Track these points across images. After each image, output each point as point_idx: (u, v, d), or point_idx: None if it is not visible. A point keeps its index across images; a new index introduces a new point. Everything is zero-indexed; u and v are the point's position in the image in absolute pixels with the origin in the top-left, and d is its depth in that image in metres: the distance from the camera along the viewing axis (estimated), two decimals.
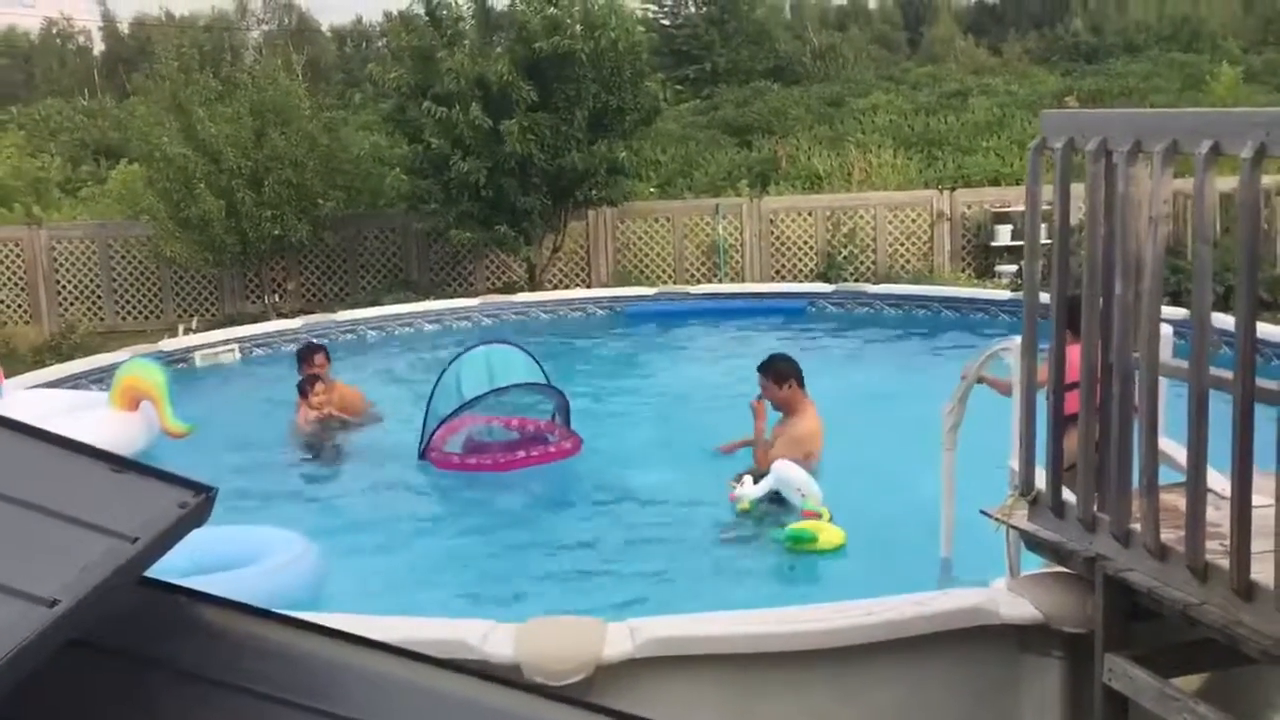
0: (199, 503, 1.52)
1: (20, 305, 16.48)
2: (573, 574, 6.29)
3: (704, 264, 16.74)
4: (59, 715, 1.40)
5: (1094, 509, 3.84)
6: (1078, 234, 3.95)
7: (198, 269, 15.99)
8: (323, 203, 15.96)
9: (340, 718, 1.48)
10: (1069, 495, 4.01)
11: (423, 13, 15.54)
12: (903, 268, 16.30)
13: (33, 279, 16.49)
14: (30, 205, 18.52)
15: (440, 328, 12.70)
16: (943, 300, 12.69)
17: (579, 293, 14.54)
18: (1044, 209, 4.04)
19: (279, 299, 16.46)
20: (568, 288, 15.96)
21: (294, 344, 12.02)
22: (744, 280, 16.25)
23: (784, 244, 16.69)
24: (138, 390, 8.26)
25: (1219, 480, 3.47)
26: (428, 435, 7.95)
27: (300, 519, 6.79)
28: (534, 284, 15.94)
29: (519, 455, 7.96)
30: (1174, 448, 3.88)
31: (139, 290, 16.66)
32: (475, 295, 14.77)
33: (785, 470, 6.56)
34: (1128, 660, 3.75)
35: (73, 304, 16.50)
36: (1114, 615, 3.84)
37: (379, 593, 6.02)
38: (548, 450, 8.01)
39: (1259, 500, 3.20)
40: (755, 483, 6.67)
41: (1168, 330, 3.87)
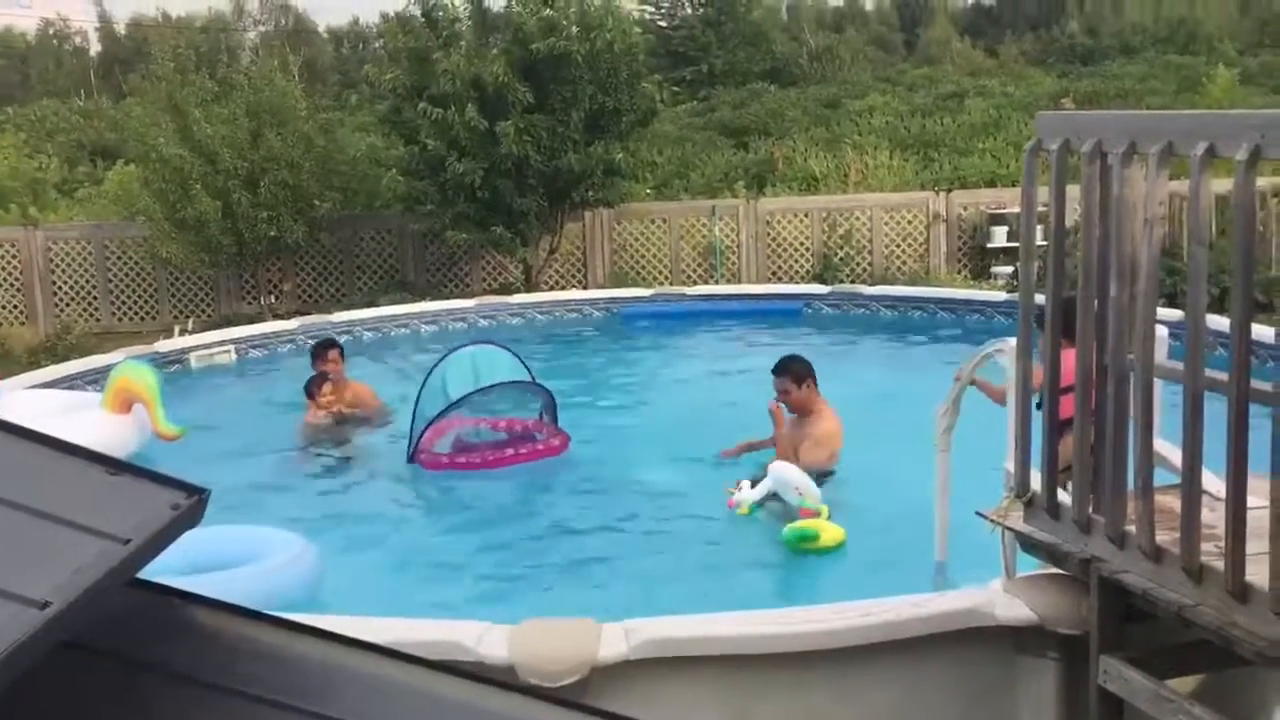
0: (192, 504, 1.51)
1: (16, 306, 16.46)
2: (567, 575, 6.29)
3: (700, 265, 16.74)
4: (50, 717, 1.40)
5: (1089, 511, 3.84)
6: (1073, 236, 3.95)
7: (194, 270, 15.99)
8: (319, 204, 15.95)
9: None
10: (1064, 497, 4.02)
11: (419, 14, 15.54)
12: (899, 269, 16.32)
13: (28, 280, 16.47)
14: (26, 206, 18.50)
15: (437, 329, 12.69)
16: (938, 302, 12.69)
17: (575, 294, 14.53)
18: (1040, 210, 4.05)
19: (275, 300, 16.45)
20: (564, 289, 15.96)
21: (290, 345, 12.04)
22: (740, 281, 16.26)
23: (780, 245, 16.70)
24: (130, 392, 8.23)
25: (1214, 482, 3.47)
26: (416, 438, 7.95)
27: (294, 519, 6.77)
28: (530, 285, 15.93)
29: (508, 453, 7.97)
30: (1169, 449, 3.89)
31: (135, 291, 16.64)
32: (471, 296, 14.76)
33: (782, 471, 6.56)
34: (1123, 662, 3.75)
35: (68, 305, 16.48)
36: (1109, 617, 3.84)
37: (371, 594, 6.02)
38: (536, 448, 8.02)
39: (1254, 502, 3.20)
40: (753, 486, 6.67)
41: (1163, 332, 3.87)
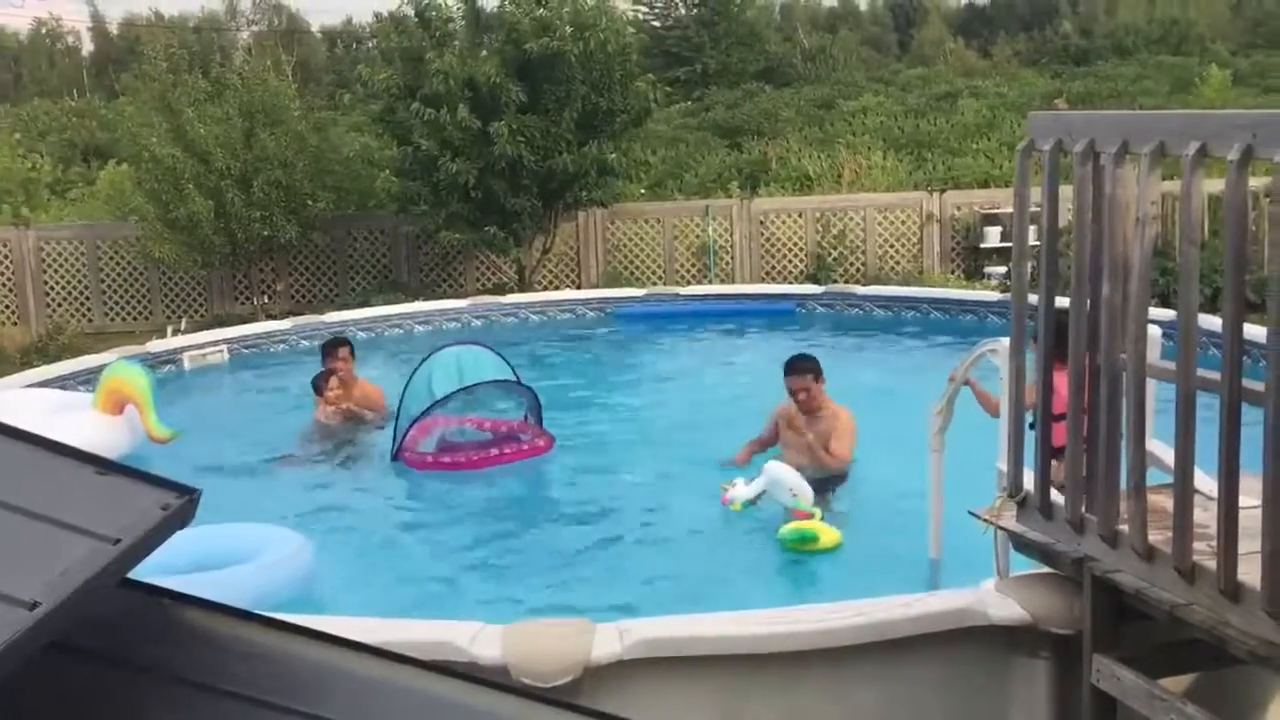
0: (182, 504, 1.51)
1: (8, 306, 16.43)
2: (560, 575, 6.28)
3: (694, 265, 16.74)
4: (39, 718, 1.39)
5: (1082, 510, 3.84)
6: (1066, 236, 3.96)
7: (186, 270, 15.95)
8: (312, 204, 15.92)
9: None
10: (1057, 496, 4.02)
11: (412, 14, 15.51)
12: (892, 269, 16.33)
13: (20, 280, 16.43)
14: (19, 206, 18.45)
15: (430, 329, 12.67)
16: (931, 302, 12.69)
17: (569, 294, 14.52)
18: (1032, 211, 4.05)
19: (268, 300, 16.43)
20: (558, 289, 15.95)
21: (283, 345, 12.02)
22: (734, 282, 16.26)
23: (774, 245, 16.70)
24: (122, 393, 8.18)
25: (1206, 482, 3.47)
26: (400, 437, 7.94)
27: (286, 519, 6.75)
28: (524, 285, 15.92)
29: (492, 454, 7.96)
30: (1162, 449, 3.89)
31: (127, 291, 16.61)
32: (465, 296, 14.74)
33: (777, 471, 6.55)
34: (1115, 661, 3.75)
35: (61, 305, 16.45)
36: (1102, 616, 3.84)
37: (361, 594, 6.00)
38: (521, 449, 8.02)
39: (1246, 501, 3.20)
40: (747, 485, 6.66)
41: (1156, 332, 3.88)
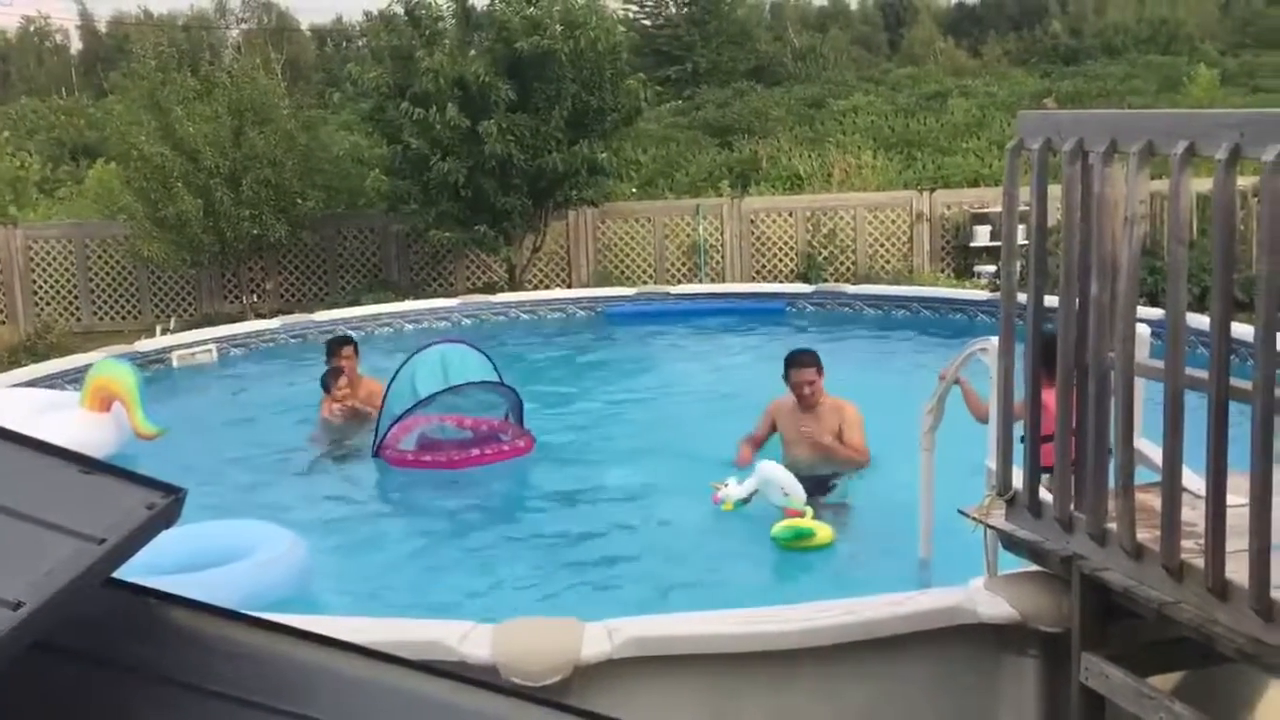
0: (168, 504, 1.50)
1: None
2: (550, 574, 6.27)
3: (685, 264, 16.74)
4: (23, 718, 1.38)
5: (1070, 509, 3.85)
6: (1055, 235, 3.96)
7: (175, 269, 15.90)
8: (301, 202, 15.89)
9: None
10: (1046, 495, 4.03)
11: (402, 12, 15.49)
12: (882, 268, 16.35)
13: (8, 279, 16.37)
14: (6, 205, 18.38)
15: (420, 328, 12.65)
16: (921, 300, 12.71)
17: (559, 293, 14.51)
18: (1022, 210, 4.05)
19: (257, 299, 16.39)
20: (548, 288, 15.94)
21: (271, 344, 12.00)
22: (725, 281, 16.27)
23: (764, 244, 16.72)
24: (109, 391, 8.16)
25: (1194, 480, 3.48)
26: (382, 433, 7.93)
27: (277, 519, 6.73)
28: (514, 284, 15.91)
29: (473, 453, 7.97)
30: (1150, 447, 3.90)
31: (116, 290, 16.56)
32: (455, 295, 14.73)
33: (769, 470, 6.55)
34: (1104, 659, 3.76)
35: (49, 304, 16.39)
36: (1090, 614, 3.85)
37: (348, 594, 5.99)
38: (501, 449, 8.01)
39: (1233, 500, 3.21)
40: (739, 484, 6.66)
41: (1145, 330, 3.89)
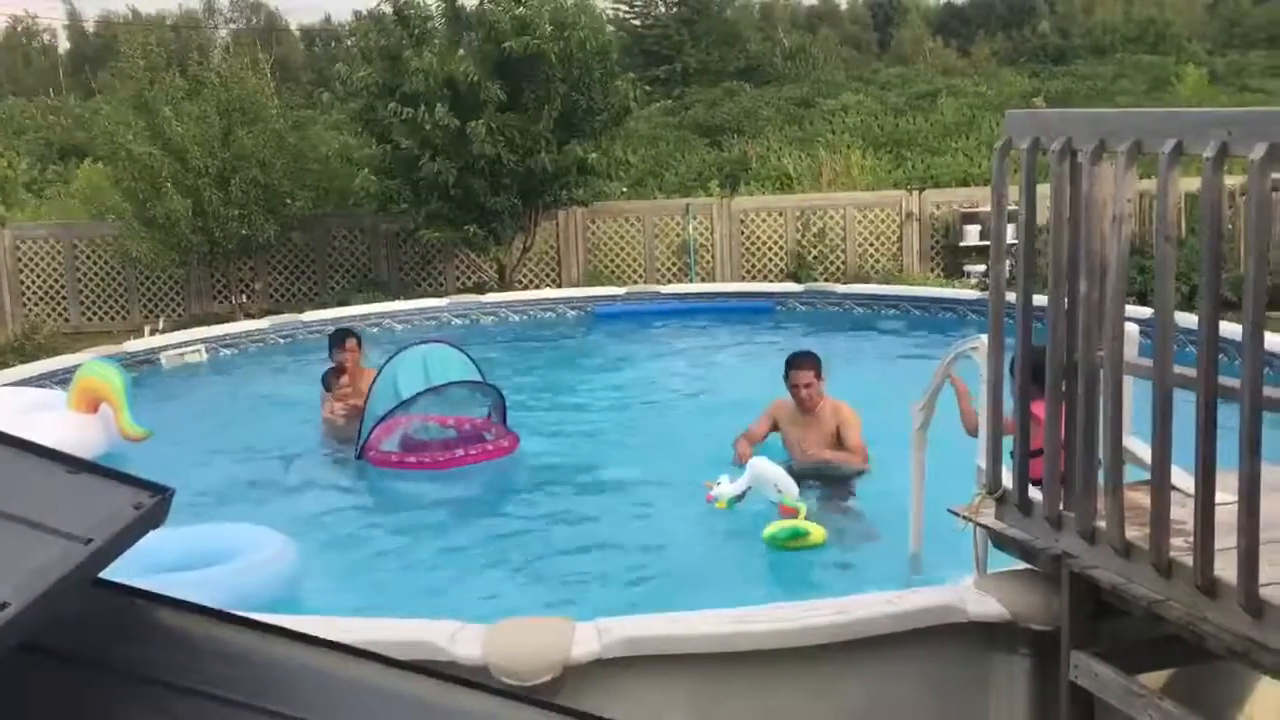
0: (155, 504, 1.49)
1: None
2: (541, 574, 6.26)
3: (675, 264, 16.74)
4: (8, 719, 1.38)
5: (1060, 507, 3.86)
6: (1044, 234, 3.97)
7: (164, 269, 15.85)
8: (291, 202, 15.85)
9: None
10: (1035, 493, 4.03)
11: (391, 12, 15.45)
12: (872, 267, 16.37)
13: None
14: None
15: (409, 328, 12.63)
16: (911, 300, 12.73)
17: (549, 293, 14.50)
18: (1010, 209, 4.06)
19: (246, 299, 16.34)
20: (538, 288, 15.93)
21: (260, 344, 11.98)
22: (714, 280, 16.27)
23: (754, 244, 16.72)
24: (95, 392, 8.11)
25: (1183, 478, 3.49)
26: (365, 435, 7.92)
27: (264, 520, 6.71)
28: (504, 284, 15.89)
29: (457, 454, 7.95)
30: (1139, 446, 3.91)
31: (105, 290, 16.50)
32: (445, 295, 14.71)
33: (762, 467, 6.55)
34: (1093, 657, 3.76)
35: (37, 304, 16.33)
36: (1080, 612, 3.86)
37: (333, 595, 5.98)
38: (485, 448, 8.01)
39: (1222, 498, 3.22)
40: (731, 482, 6.65)
41: (1133, 329, 3.89)
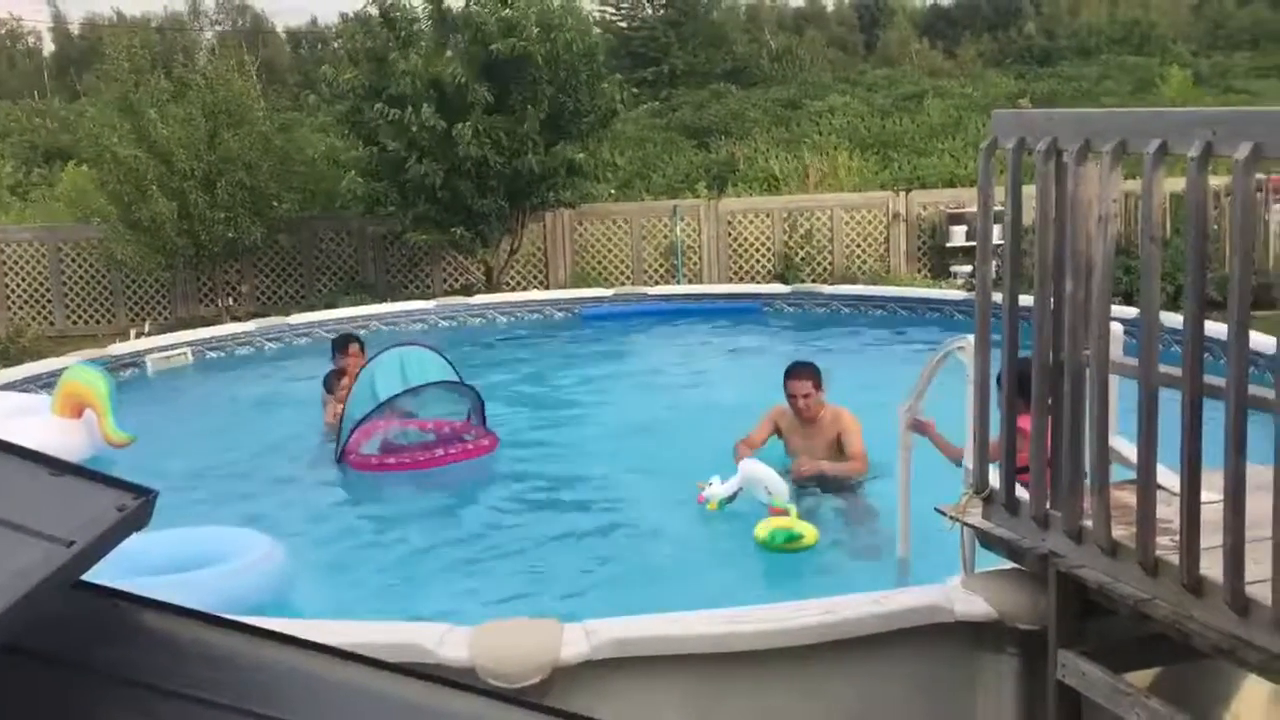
0: (138, 505, 1.48)
1: None
2: (529, 575, 6.25)
3: (662, 265, 16.75)
4: None
5: (1046, 506, 3.87)
6: (1030, 234, 3.98)
7: (149, 272, 15.78)
8: (277, 205, 15.80)
9: None
10: (1022, 493, 4.04)
11: (376, 14, 15.42)
12: (859, 268, 16.40)
13: None
14: None
15: (396, 330, 12.61)
16: (898, 300, 12.76)
17: (536, 294, 14.48)
18: (997, 210, 4.07)
19: (233, 302, 16.30)
20: (526, 290, 15.92)
21: (247, 347, 11.95)
22: (702, 281, 16.28)
23: (741, 245, 16.74)
24: (79, 396, 8.06)
25: (1169, 477, 3.50)
26: (344, 438, 7.90)
27: (252, 522, 6.69)
28: (492, 286, 15.88)
29: (437, 453, 7.99)
30: (1125, 445, 3.92)
31: (90, 294, 16.43)
32: (432, 297, 14.70)
33: (753, 468, 6.55)
34: (1080, 656, 3.77)
35: (22, 308, 16.25)
36: (1067, 611, 3.87)
37: (320, 597, 5.96)
38: (466, 448, 8.03)
39: (1207, 496, 3.23)
40: (723, 483, 6.65)
41: (1119, 329, 3.90)
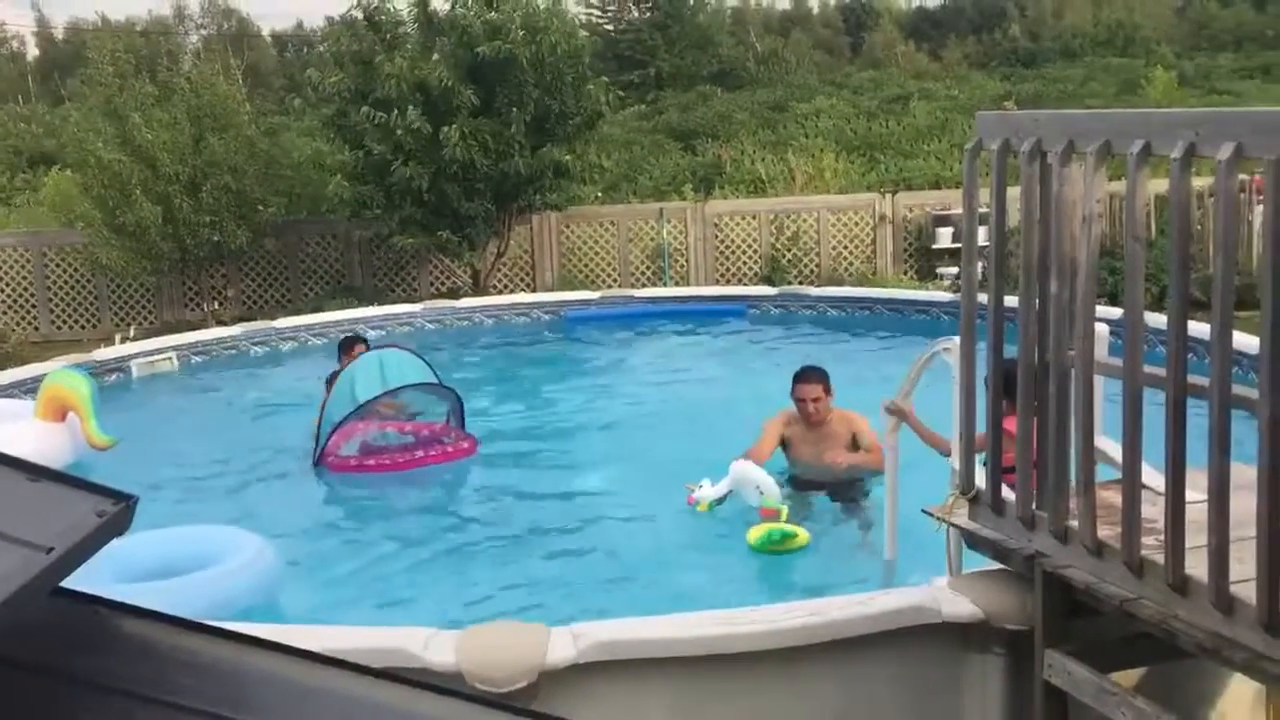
0: (118, 511, 1.47)
1: None
2: (517, 579, 6.23)
3: (649, 268, 16.74)
4: None
5: (1033, 507, 3.87)
6: (1015, 235, 3.99)
7: (134, 277, 15.71)
8: (263, 209, 15.75)
9: None
10: (1008, 493, 4.05)
11: (362, 17, 15.39)
12: (846, 270, 16.42)
13: None
14: None
15: (383, 333, 12.59)
16: (884, 302, 12.78)
17: (523, 297, 14.46)
18: (982, 211, 4.08)
19: (219, 306, 16.24)
20: (512, 292, 15.90)
21: (233, 351, 11.91)
22: (689, 284, 16.28)
23: (728, 247, 16.75)
24: (62, 400, 8.05)
25: (1154, 477, 3.51)
26: (323, 441, 7.88)
27: (239, 525, 6.66)
28: (478, 289, 15.85)
29: (417, 454, 8.01)
30: (1110, 445, 3.93)
31: (75, 299, 16.36)
32: (419, 301, 14.67)
33: (744, 469, 6.55)
34: (1067, 656, 3.78)
35: (6, 313, 16.17)
36: (1053, 612, 3.87)
37: (306, 600, 5.94)
38: (445, 450, 8.05)
39: (1192, 496, 3.24)
40: (713, 485, 6.65)
41: (1104, 329, 3.91)
